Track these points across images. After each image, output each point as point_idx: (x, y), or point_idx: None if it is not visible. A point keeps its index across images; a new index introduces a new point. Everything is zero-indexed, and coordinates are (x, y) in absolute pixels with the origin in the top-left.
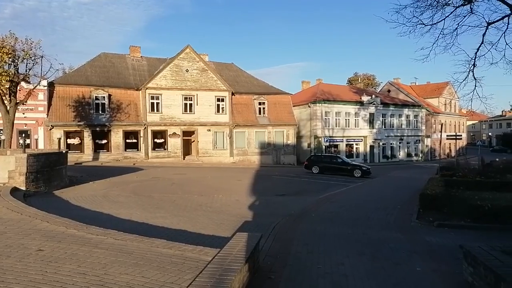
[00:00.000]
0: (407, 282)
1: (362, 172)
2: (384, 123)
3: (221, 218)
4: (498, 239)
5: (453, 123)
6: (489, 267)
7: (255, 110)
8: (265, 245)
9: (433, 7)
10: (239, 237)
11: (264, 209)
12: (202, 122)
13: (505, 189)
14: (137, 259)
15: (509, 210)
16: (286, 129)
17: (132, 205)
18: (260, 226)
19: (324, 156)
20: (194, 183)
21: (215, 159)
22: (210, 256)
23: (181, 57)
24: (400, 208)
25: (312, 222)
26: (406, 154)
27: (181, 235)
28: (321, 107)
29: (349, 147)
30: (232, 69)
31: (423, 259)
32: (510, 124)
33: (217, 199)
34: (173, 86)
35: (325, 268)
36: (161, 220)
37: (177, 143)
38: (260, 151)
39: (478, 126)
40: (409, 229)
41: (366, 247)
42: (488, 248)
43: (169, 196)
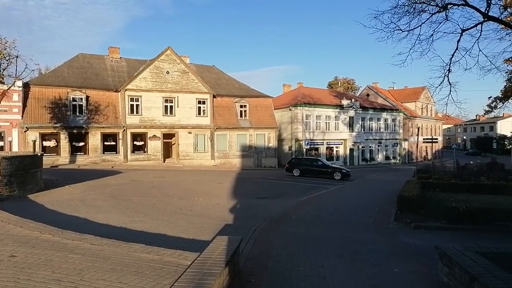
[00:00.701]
0: (385, 283)
1: (342, 175)
2: (363, 126)
3: (201, 222)
4: (472, 240)
5: (429, 126)
6: (463, 267)
7: (237, 113)
8: (246, 248)
9: (410, 13)
10: (219, 240)
11: (245, 212)
12: (183, 124)
13: (478, 191)
14: (114, 264)
15: (482, 211)
16: (267, 132)
17: (110, 209)
18: (241, 229)
19: (305, 159)
20: (174, 186)
21: (196, 162)
22: (189, 260)
23: (161, 59)
24: (379, 210)
25: (293, 225)
26: (384, 157)
27: (160, 239)
28: (302, 110)
29: (330, 150)
30: (213, 71)
31: (400, 260)
32: (484, 128)
33: (198, 202)
34: (153, 88)
35: (305, 271)
36: (140, 224)
37: (157, 146)
38: (242, 154)
39: (453, 130)
40: (387, 231)
41: (346, 249)
42: (463, 249)
43: (148, 199)
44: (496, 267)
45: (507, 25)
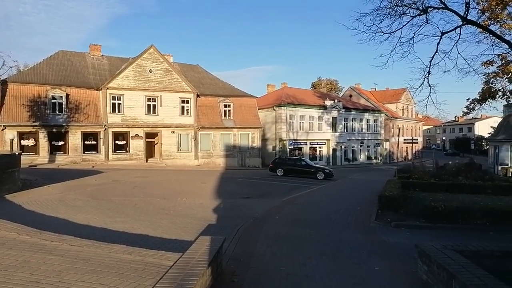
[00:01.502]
0: (366, 281)
1: (325, 175)
2: (346, 127)
3: (184, 222)
4: (450, 238)
5: (410, 127)
6: (442, 265)
7: (221, 113)
8: (229, 248)
9: (392, 16)
10: (202, 240)
11: (228, 212)
12: (166, 123)
13: (457, 190)
14: (94, 265)
15: (460, 210)
16: (251, 132)
17: (90, 210)
18: (224, 229)
19: (289, 159)
20: (157, 186)
21: (179, 162)
22: (171, 261)
23: (144, 57)
24: (360, 209)
25: (276, 224)
26: (366, 157)
27: (142, 240)
28: (286, 110)
29: (313, 150)
30: (197, 70)
31: (381, 259)
32: (462, 129)
33: (181, 203)
34: (136, 87)
35: (287, 270)
36: (121, 225)
37: (140, 145)
38: (226, 154)
39: (433, 131)
40: (368, 230)
41: (328, 248)
42: (441, 247)
43: (130, 199)
44: (473, 265)
45: (485, 29)
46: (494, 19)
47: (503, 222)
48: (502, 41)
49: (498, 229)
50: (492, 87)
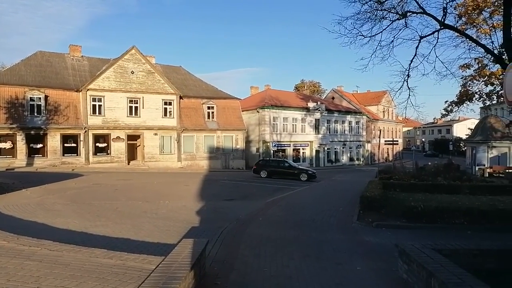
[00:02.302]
0: (348, 281)
1: (308, 176)
2: (328, 128)
3: (167, 225)
4: (429, 238)
5: (390, 129)
6: (421, 264)
7: (204, 115)
8: (212, 251)
9: (372, 20)
10: (185, 243)
11: (212, 214)
12: (148, 125)
13: (436, 190)
14: (74, 270)
15: (439, 210)
16: (235, 134)
17: (70, 214)
18: (208, 231)
19: (272, 161)
20: (139, 189)
21: (162, 164)
22: (154, 265)
23: (126, 58)
24: (342, 210)
25: (260, 226)
26: (349, 159)
27: (123, 244)
28: (269, 112)
29: (296, 152)
30: (180, 72)
31: (363, 259)
32: (441, 131)
33: (163, 205)
34: (117, 88)
35: (270, 271)
36: (102, 229)
37: (121, 148)
38: (209, 156)
39: (413, 132)
40: (350, 230)
41: (311, 249)
42: (420, 246)
43: (111, 203)
44: (451, 263)
45: (462, 33)
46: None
47: (480, 221)
48: (478, 45)
49: (476, 228)
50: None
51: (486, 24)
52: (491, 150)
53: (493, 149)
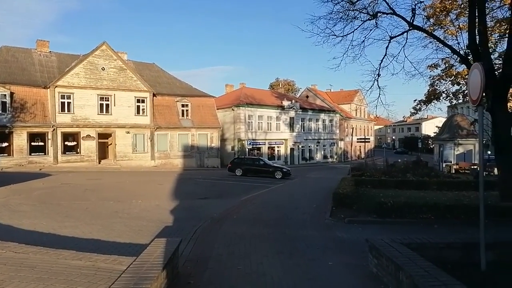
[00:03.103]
0: (320, 276)
1: (282, 174)
2: (303, 127)
3: (139, 225)
4: (399, 232)
5: (362, 127)
6: (390, 258)
7: (178, 112)
8: (186, 250)
9: (344, 20)
10: (157, 243)
11: (186, 213)
12: (120, 123)
13: (405, 186)
14: (41, 273)
15: (408, 205)
16: (210, 132)
17: (37, 215)
18: (181, 230)
19: (247, 159)
20: (110, 188)
21: (134, 163)
22: (125, 265)
23: (96, 54)
24: (316, 207)
25: (234, 224)
26: (322, 156)
27: (93, 245)
28: (244, 110)
29: (271, 150)
30: (153, 69)
31: (335, 254)
32: (410, 129)
33: (136, 205)
34: (87, 85)
35: (245, 269)
36: (71, 230)
37: (92, 146)
38: (184, 154)
39: (384, 130)
40: (323, 226)
41: (284, 245)
42: (389, 241)
43: (80, 203)
44: (418, 257)
45: (430, 34)
46: (439, 25)
47: (446, 215)
48: (445, 46)
49: (442, 223)
50: (437, 89)
51: (453, 26)
52: (457, 147)
53: (459, 146)
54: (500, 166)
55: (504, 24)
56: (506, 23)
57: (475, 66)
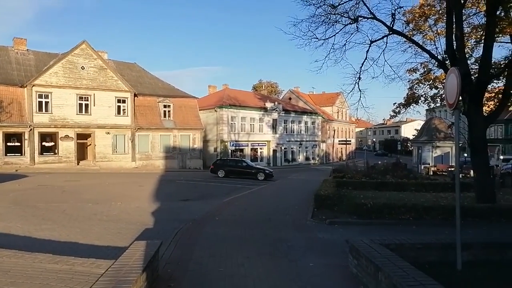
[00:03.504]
0: (301, 277)
1: (265, 175)
2: (285, 128)
3: (118, 227)
4: (378, 233)
5: (344, 129)
6: (369, 259)
7: (160, 113)
8: (166, 252)
9: (326, 23)
10: (137, 246)
11: (167, 215)
12: (100, 124)
13: (385, 188)
14: (15, 277)
15: (387, 206)
16: (192, 133)
17: (12, 217)
18: (162, 233)
19: (230, 160)
20: (89, 190)
21: (115, 164)
22: (103, 269)
23: (75, 53)
24: (298, 208)
25: (216, 226)
26: (305, 158)
27: (71, 248)
28: (227, 111)
29: (254, 151)
30: (135, 69)
31: (315, 255)
32: (390, 131)
33: (115, 207)
34: (66, 84)
35: (226, 271)
36: (48, 233)
37: (70, 147)
38: (165, 156)
39: (365, 133)
40: (305, 228)
41: (266, 247)
42: (369, 242)
43: (58, 205)
44: (397, 257)
45: (409, 39)
46: (418, 30)
47: (424, 216)
48: (424, 51)
49: (420, 223)
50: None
51: (431, 31)
52: (435, 149)
53: (437, 148)
54: (475, 168)
55: (480, 30)
56: (481, 30)
57: (452, 70)
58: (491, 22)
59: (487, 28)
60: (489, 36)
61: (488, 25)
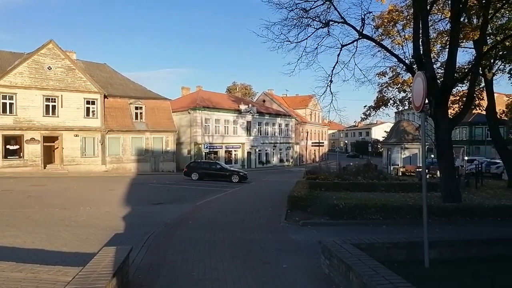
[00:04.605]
0: (274, 279)
1: (239, 178)
2: (260, 130)
3: (87, 233)
4: (350, 233)
5: (317, 131)
6: (340, 259)
7: (132, 115)
8: (137, 258)
9: (298, 26)
10: (106, 251)
11: (138, 220)
12: (68, 126)
13: (356, 189)
14: None
15: (358, 207)
16: (165, 135)
17: None
18: (133, 238)
19: (204, 163)
20: (56, 195)
21: (84, 168)
22: (70, 276)
23: (42, 53)
24: (272, 210)
25: (189, 230)
26: (279, 160)
27: (36, 256)
28: (201, 113)
29: (228, 154)
30: (104, 70)
31: (289, 256)
32: (361, 133)
33: (84, 212)
34: (32, 85)
35: (198, 275)
36: (11, 240)
37: (36, 150)
38: (137, 158)
39: (337, 135)
40: (279, 229)
41: (239, 250)
42: (341, 242)
43: (23, 211)
44: (367, 257)
45: (378, 44)
46: (387, 35)
47: (393, 216)
48: (392, 55)
49: (390, 223)
50: (385, 96)
51: (399, 36)
52: (404, 151)
53: (405, 150)
54: (442, 169)
55: (445, 35)
56: (447, 35)
57: (418, 74)
58: (455, 28)
59: (451, 33)
60: (454, 41)
61: (453, 31)
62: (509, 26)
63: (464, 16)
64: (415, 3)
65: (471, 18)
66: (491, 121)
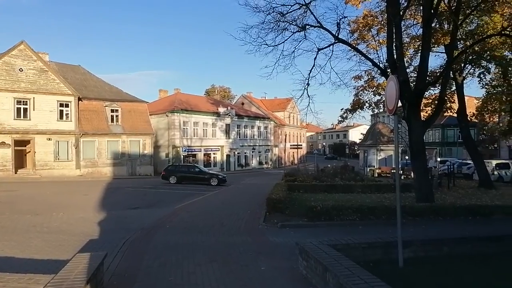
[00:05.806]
0: (253, 282)
1: (218, 181)
2: (239, 133)
3: (60, 239)
4: (327, 234)
5: (295, 134)
6: (317, 260)
7: (107, 118)
8: (112, 264)
9: (275, 30)
10: (79, 258)
11: (114, 225)
12: (40, 130)
13: (334, 190)
14: None
15: (335, 208)
16: (142, 138)
17: None
18: (108, 243)
19: (182, 166)
20: (27, 200)
21: (57, 172)
22: (41, 284)
23: (13, 54)
24: (250, 212)
25: (166, 234)
26: (258, 162)
27: (6, 264)
28: (179, 116)
29: (207, 157)
30: (79, 71)
31: (267, 259)
32: (339, 136)
33: (56, 218)
34: (2, 87)
35: (176, 280)
36: None
37: (7, 155)
38: (113, 162)
39: (315, 137)
40: (257, 232)
41: (218, 253)
42: (318, 243)
43: None
44: (343, 257)
45: (354, 48)
46: (362, 39)
47: (369, 217)
48: (367, 59)
49: (366, 223)
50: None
51: (374, 40)
52: (380, 153)
53: (381, 152)
54: (415, 170)
55: (418, 40)
56: (419, 40)
57: (391, 78)
58: (427, 33)
59: (423, 38)
60: (426, 46)
61: (424, 36)
62: (478, 31)
63: (436, 21)
64: (389, 8)
65: (442, 23)
66: (462, 123)
